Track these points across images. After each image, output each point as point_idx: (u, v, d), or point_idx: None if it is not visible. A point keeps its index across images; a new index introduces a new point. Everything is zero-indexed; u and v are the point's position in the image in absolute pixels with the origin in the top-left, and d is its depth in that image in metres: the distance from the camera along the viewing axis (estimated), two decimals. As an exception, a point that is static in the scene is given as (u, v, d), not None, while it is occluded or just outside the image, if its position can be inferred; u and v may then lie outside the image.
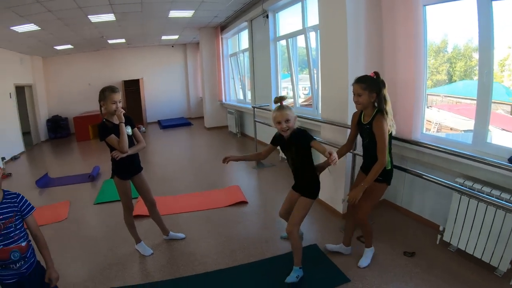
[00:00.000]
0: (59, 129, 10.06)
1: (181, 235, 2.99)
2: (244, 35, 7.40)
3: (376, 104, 2.13)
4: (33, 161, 7.36)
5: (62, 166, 6.45)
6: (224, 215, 3.46)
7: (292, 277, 2.19)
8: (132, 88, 10.65)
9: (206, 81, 9.04)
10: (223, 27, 8.18)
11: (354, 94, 2.15)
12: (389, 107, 2.08)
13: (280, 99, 2.11)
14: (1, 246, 1.47)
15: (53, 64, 10.14)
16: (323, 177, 2.51)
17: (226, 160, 2.38)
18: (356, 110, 2.27)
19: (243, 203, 3.73)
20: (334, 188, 3.24)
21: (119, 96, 2.40)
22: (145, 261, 2.67)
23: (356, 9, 2.79)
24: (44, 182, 5.02)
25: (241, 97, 8.13)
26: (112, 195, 4.11)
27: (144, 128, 9.96)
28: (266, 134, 5.66)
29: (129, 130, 2.47)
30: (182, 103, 11.77)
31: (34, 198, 4.41)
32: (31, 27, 5.87)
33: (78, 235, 3.25)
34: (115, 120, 2.42)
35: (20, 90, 8.51)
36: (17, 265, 1.52)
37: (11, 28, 5.71)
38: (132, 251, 2.82)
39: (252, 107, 5.80)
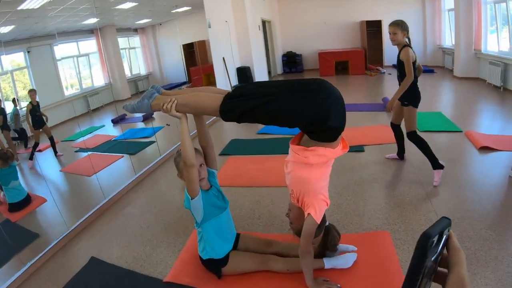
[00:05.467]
0: (294, 64, 11.30)
1: None
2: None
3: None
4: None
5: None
6: None
7: None
8: (373, 29, 10.72)
9: (462, 28, 8.43)
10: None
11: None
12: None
13: None
14: None
15: (287, 3, 11.25)
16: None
17: None
18: None
19: None
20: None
21: None
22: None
23: None
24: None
25: (506, 48, 7.60)
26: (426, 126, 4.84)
27: (384, 70, 10.33)
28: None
29: None
30: (418, 50, 10.87)
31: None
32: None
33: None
34: None
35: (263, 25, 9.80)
36: None
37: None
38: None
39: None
